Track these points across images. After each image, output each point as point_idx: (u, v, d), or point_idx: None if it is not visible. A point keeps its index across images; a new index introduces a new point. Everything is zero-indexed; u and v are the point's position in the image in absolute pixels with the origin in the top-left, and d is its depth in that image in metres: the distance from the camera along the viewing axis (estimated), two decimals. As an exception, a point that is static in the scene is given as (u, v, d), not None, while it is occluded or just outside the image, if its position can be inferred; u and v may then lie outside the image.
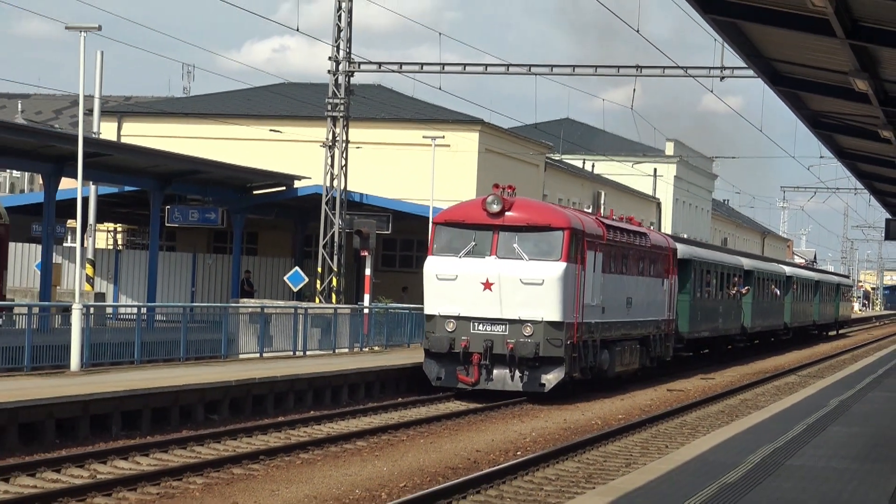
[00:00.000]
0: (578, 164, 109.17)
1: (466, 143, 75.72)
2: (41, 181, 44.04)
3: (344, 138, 51.76)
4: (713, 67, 51.71)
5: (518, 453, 25.16)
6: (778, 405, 31.95)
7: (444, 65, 54.63)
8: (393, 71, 56.26)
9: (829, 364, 59.91)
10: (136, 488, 19.48)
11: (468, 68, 55.02)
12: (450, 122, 75.50)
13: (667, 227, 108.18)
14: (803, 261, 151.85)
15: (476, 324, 34.48)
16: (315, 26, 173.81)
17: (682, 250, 49.84)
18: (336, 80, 52.04)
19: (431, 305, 35.65)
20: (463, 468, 22.86)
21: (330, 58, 51.96)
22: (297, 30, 61.44)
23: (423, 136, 65.26)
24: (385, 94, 78.32)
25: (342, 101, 52.00)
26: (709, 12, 17.89)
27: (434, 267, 35.69)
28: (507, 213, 34.92)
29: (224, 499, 18.86)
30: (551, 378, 34.59)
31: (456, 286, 34.97)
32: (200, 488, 19.88)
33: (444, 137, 66.85)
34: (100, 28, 31.47)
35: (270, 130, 65.81)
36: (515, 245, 34.76)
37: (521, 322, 34.17)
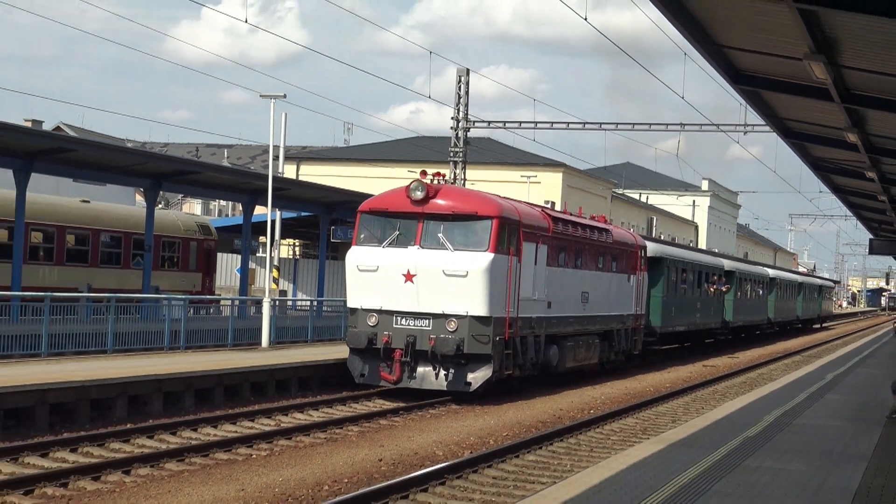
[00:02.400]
0: (636, 196, 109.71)
1: (553, 180, 76.63)
2: (241, 208, 44.55)
3: (462, 177, 51.72)
4: (739, 124, 51.28)
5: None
6: (787, 378, 31.44)
7: (536, 122, 54.43)
8: (498, 127, 56.05)
9: (825, 347, 58.75)
10: (308, 433, 19.44)
11: (554, 125, 54.69)
12: (540, 165, 76.41)
13: (702, 245, 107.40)
14: (805, 269, 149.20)
15: (398, 318, 24.71)
16: (442, 94, 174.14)
17: (653, 248, 40.52)
18: (457, 134, 52.10)
19: (353, 298, 25.45)
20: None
21: (452, 117, 51.97)
22: (429, 97, 62.52)
23: (521, 176, 65.97)
24: (493, 145, 78.70)
25: (461, 150, 52.05)
26: (737, 83, 17.80)
27: (355, 257, 25.59)
28: (431, 201, 24.98)
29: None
30: (477, 377, 24.50)
31: (377, 278, 25.06)
32: (356, 434, 19.92)
33: (536, 177, 67.39)
34: (284, 96, 32.21)
35: (408, 171, 66.08)
36: (440, 234, 24.82)
37: (445, 317, 24.33)
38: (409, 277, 24.52)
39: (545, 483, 15.31)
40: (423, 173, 26.07)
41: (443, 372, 24.51)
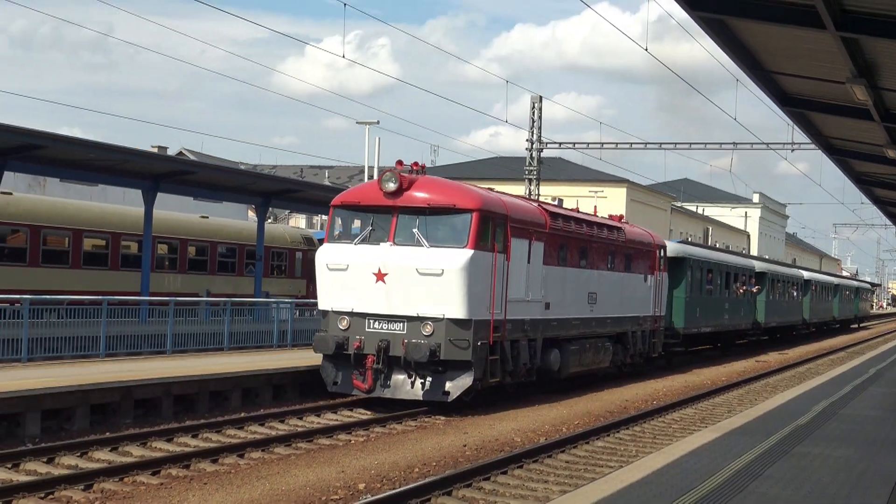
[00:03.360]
0: (693, 208, 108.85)
1: (618, 195, 76.11)
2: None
3: (536, 193, 51.58)
4: (787, 143, 50.38)
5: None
6: (832, 372, 30.90)
7: (602, 143, 53.95)
8: (569, 148, 55.76)
9: (866, 345, 57.52)
10: (401, 421, 19.47)
11: (619, 145, 54.30)
12: (606, 182, 75.91)
13: (753, 253, 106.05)
14: (848, 273, 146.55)
15: (371, 321, 20.14)
16: (518, 119, 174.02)
17: (675, 248, 35.43)
18: (531, 154, 51.97)
19: (323, 300, 20.88)
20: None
21: (527, 139, 51.90)
22: (506, 121, 62.55)
23: (589, 191, 65.36)
24: (563, 164, 78.54)
25: (535, 168, 51.87)
26: (785, 105, 17.55)
27: (325, 256, 20.97)
28: (406, 193, 20.30)
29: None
30: (456, 385, 19.81)
31: (347, 277, 20.41)
32: (443, 423, 19.93)
33: (602, 192, 66.86)
34: (378, 122, 32.97)
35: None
36: (415, 230, 20.13)
37: (420, 319, 19.74)
38: (380, 277, 19.89)
39: (613, 467, 15.17)
40: (399, 163, 20.96)
41: (419, 380, 19.90)
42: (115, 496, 12.53)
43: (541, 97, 52.18)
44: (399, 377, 20.02)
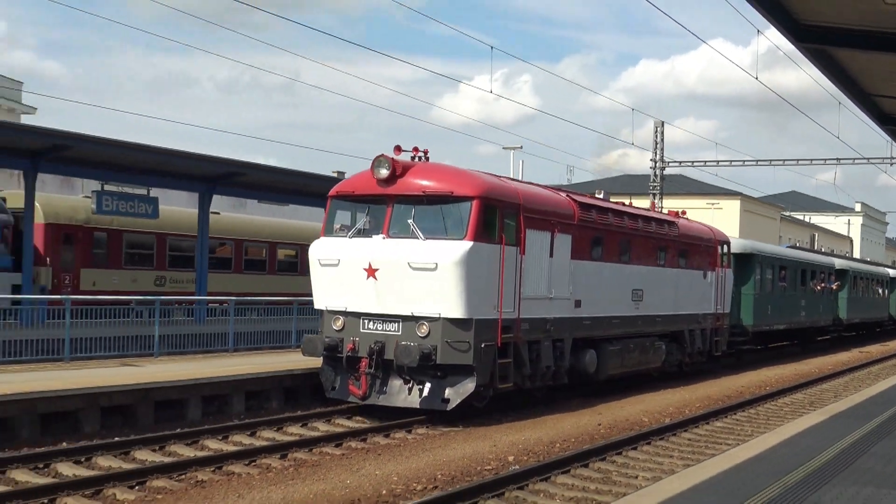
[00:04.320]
0: (800, 217, 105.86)
1: (732, 207, 74.52)
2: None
3: (660, 206, 50.85)
4: (886, 158, 48.51)
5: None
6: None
7: (718, 161, 52.77)
8: (688, 166, 54.70)
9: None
10: (551, 405, 19.51)
11: (733, 163, 53.01)
12: (722, 195, 74.23)
13: (856, 256, 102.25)
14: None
15: (366, 321, 15.99)
16: (643, 141, 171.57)
17: (741, 244, 30.39)
18: (654, 172, 51.28)
19: (318, 298, 16.72)
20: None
21: (651, 159, 51.23)
22: (633, 144, 61.95)
23: (707, 203, 64.00)
24: (683, 180, 77.11)
25: (658, 184, 51.16)
26: (884, 124, 16.96)
27: (316, 250, 16.72)
28: (400, 180, 15.96)
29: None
30: (456, 392, 15.58)
31: (339, 274, 16.25)
32: (578, 403, 19.81)
33: (718, 204, 65.32)
34: (521, 147, 32.57)
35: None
36: (410, 220, 15.79)
37: (416, 319, 15.59)
38: (370, 272, 15.72)
39: (730, 444, 14.86)
40: (397, 148, 16.44)
41: (417, 386, 15.72)
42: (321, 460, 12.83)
43: (662, 122, 51.63)
44: (396, 382, 15.78)
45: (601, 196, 21.31)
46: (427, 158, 16.69)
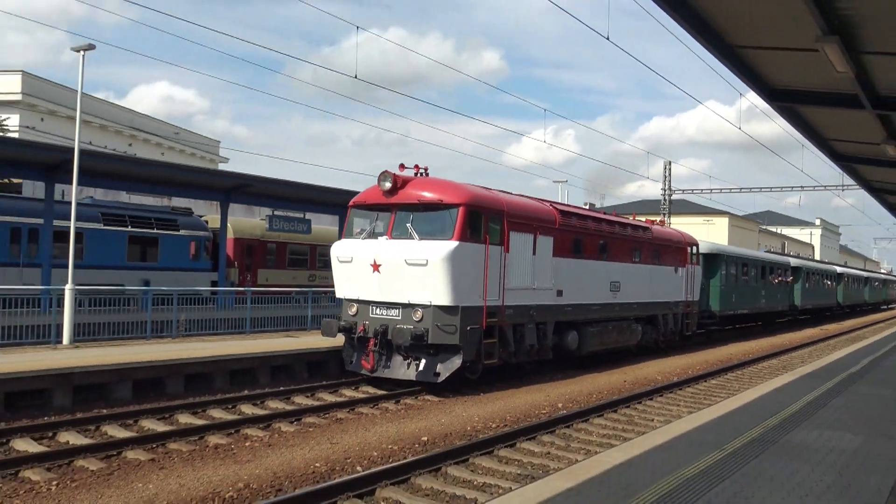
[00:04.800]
0: (774, 230, 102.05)
1: (722, 223, 71.94)
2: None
3: (668, 223, 49.75)
4: (838, 185, 46.12)
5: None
6: (870, 339, 28.21)
7: (711, 189, 51.29)
8: (689, 192, 53.33)
9: (900, 319, 52.06)
10: (588, 370, 19.05)
11: (722, 190, 51.30)
12: (714, 214, 71.78)
13: (816, 258, 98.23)
14: (884, 271, 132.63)
15: (374, 308, 14.57)
16: (655, 175, 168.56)
17: (709, 246, 28.30)
18: (664, 198, 50.14)
19: (338, 289, 15.28)
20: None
21: (661, 188, 50.11)
22: (647, 177, 60.36)
23: (703, 220, 61.97)
24: (686, 203, 74.82)
25: (666, 207, 50.03)
26: (838, 160, 16.21)
27: (336, 250, 15.32)
28: (400, 192, 14.59)
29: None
30: (445, 367, 13.93)
31: (352, 269, 14.89)
32: (608, 367, 19.37)
33: (712, 221, 62.98)
34: (566, 181, 32.04)
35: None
36: (408, 225, 14.38)
37: (412, 306, 14.07)
38: (375, 267, 14.35)
39: (723, 397, 14.43)
40: (401, 166, 15.00)
41: (414, 362, 14.03)
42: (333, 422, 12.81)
43: (670, 161, 50.51)
44: (398, 359, 14.18)
45: (588, 208, 19.53)
46: (427, 174, 15.05)
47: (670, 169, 50.34)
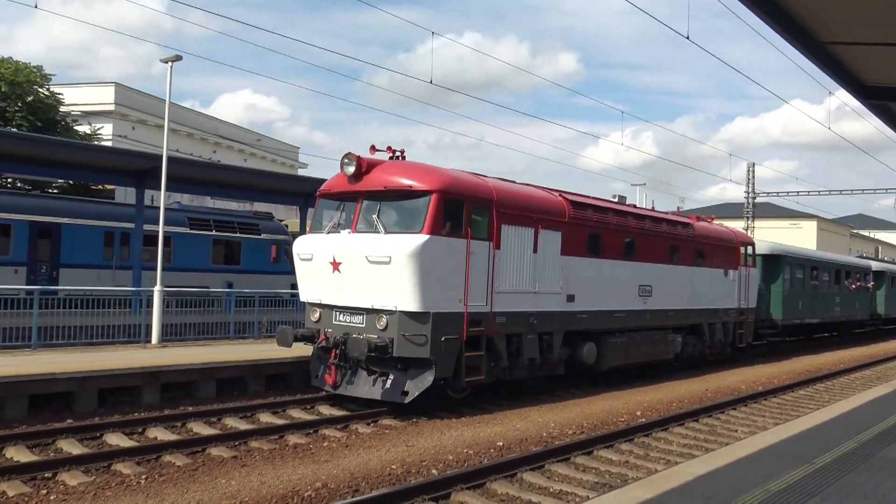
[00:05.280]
0: (866, 234, 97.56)
1: (810, 227, 69.45)
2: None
3: (752, 228, 48.20)
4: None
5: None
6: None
7: (798, 192, 49.45)
8: (774, 195, 51.69)
9: None
10: (674, 376, 18.76)
11: (811, 193, 49.46)
12: (801, 217, 69.24)
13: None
14: None
15: (337, 314, 12.11)
16: (738, 177, 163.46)
17: (769, 247, 24.67)
18: (747, 201, 48.68)
19: (301, 291, 12.77)
20: None
21: (745, 191, 48.65)
22: (730, 180, 58.76)
23: (789, 224, 59.84)
24: (770, 206, 72.24)
25: (750, 210, 48.56)
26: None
27: (297, 246, 12.91)
28: (366, 177, 12.07)
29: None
30: (415, 385, 11.48)
31: (313, 268, 12.40)
32: (690, 375, 18.85)
33: (799, 224, 60.81)
34: (644, 184, 31.35)
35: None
36: (374, 216, 11.86)
37: (377, 312, 11.53)
38: (335, 266, 11.95)
39: (812, 409, 13.83)
40: (372, 148, 12.50)
41: (380, 378, 11.74)
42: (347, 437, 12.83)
43: (753, 164, 49.09)
44: (363, 374, 11.87)
45: (616, 199, 16.83)
46: (403, 158, 12.55)
47: (754, 171, 48.90)
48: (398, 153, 12.49)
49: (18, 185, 27.84)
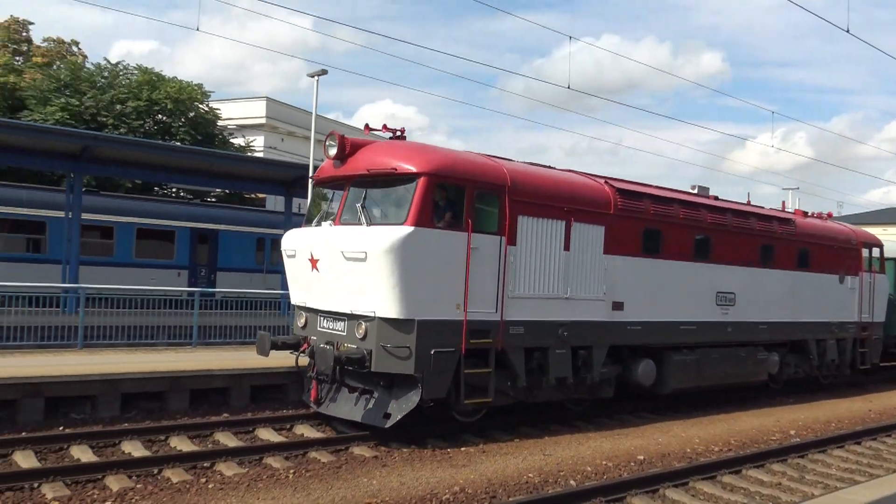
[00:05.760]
0: None
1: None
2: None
3: (923, 233, 44.13)
4: None
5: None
6: None
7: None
8: None
9: None
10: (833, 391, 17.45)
11: None
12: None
13: None
14: None
15: (322, 319, 10.00)
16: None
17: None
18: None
19: (291, 293, 10.75)
20: None
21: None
22: (894, 183, 53.68)
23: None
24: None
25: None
26: None
27: (284, 241, 10.83)
28: (350, 160, 9.88)
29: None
30: (398, 406, 9.45)
31: (296, 266, 10.36)
32: (852, 394, 17.41)
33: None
34: (798, 188, 29.45)
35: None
36: (359, 205, 9.56)
37: (357, 318, 9.40)
38: (314, 264, 10.07)
39: None
40: (366, 127, 10.38)
41: (363, 397, 9.96)
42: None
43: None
44: (345, 391, 10.21)
45: (695, 191, 14.21)
46: (403, 139, 10.51)
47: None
48: (397, 132, 10.43)
49: (182, 194, 30.13)
